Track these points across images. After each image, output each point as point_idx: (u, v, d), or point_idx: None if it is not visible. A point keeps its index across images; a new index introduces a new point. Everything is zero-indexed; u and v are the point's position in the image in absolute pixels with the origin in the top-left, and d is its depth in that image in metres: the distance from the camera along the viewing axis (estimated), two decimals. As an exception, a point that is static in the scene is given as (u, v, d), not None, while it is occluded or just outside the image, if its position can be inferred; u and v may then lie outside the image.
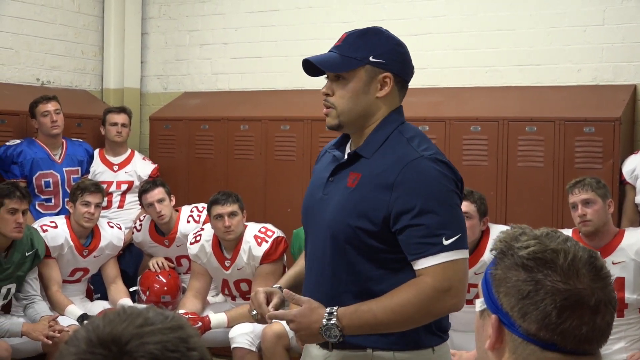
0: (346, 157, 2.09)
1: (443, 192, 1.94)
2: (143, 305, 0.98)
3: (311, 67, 2.05)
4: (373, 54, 2.00)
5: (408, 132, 2.04)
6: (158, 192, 4.72)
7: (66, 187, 4.93)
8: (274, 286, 2.19)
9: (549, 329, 1.09)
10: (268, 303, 2.10)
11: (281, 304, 2.12)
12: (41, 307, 4.17)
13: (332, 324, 1.92)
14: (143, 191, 4.78)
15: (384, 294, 1.94)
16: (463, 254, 1.94)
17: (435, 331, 2.04)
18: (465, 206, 3.74)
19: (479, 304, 1.19)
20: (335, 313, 1.93)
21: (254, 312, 2.12)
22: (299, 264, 2.30)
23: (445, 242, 1.90)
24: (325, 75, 2.08)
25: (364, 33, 2.04)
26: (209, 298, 4.63)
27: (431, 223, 1.91)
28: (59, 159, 5.00)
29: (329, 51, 2.06)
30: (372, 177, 1.99)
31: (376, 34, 2.05)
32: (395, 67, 2.03)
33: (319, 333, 1.94)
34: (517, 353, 1.12)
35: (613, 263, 3.59)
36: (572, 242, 1.14)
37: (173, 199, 4.84)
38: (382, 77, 2.02)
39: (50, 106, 4.91)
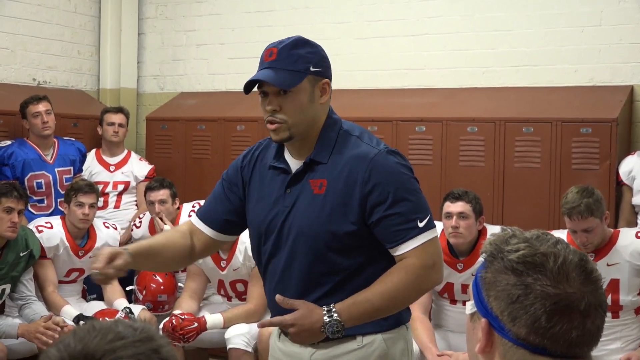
0: (299, 166, 2.11)
1: (407, 180, 2.06)
2: (111, 320, 0.98)
3: (249, 84, 2.06)
4: (311, 63, 2.05)
5: (354, 130, 2.13)
6: (162, 194, 4.71)
7: (59, 188, 4.90)
8: (123, 248, 2.11)
9: (539, 333, 1.08)
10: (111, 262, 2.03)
11: (124, 265, 2.04)
12: (38, 308, 4.15)
13: (335, 319, 1.98)
14: (149, 188, 4.77)
15: (375, 282, 2.03)
16: (435, 232, 2.09)
17: (407, 308, 2.17)
18: (461, 206, 3.74)
19: (469, 306, 1.18)
20: (334, 309, 1.99)
21: (95, 271, 2.02)
22: (157, 239, 2.30)
23: (420, 225, 2.03)
24: (259, 92, 2.08)
25: (294, 44, 2.06)
26: (212, 297, 4.62)
27: (405, 210, 2.03)
28: (51, 159, 4.97)
29: (265, 68, 2.04)
30: (339, 180, 2.05)
31: (305, 43, 2.09)
32: (328, 72, 2.11)
33: (320, 332, 2.00)
34: (507, 357, 1.11)
35: (608, 265, 3.56)
36: (562, 244, 1.13)
37: (177, 201, 4.82)
38: (322, 84, 2.09)
39: (41, 107, 4.86)
